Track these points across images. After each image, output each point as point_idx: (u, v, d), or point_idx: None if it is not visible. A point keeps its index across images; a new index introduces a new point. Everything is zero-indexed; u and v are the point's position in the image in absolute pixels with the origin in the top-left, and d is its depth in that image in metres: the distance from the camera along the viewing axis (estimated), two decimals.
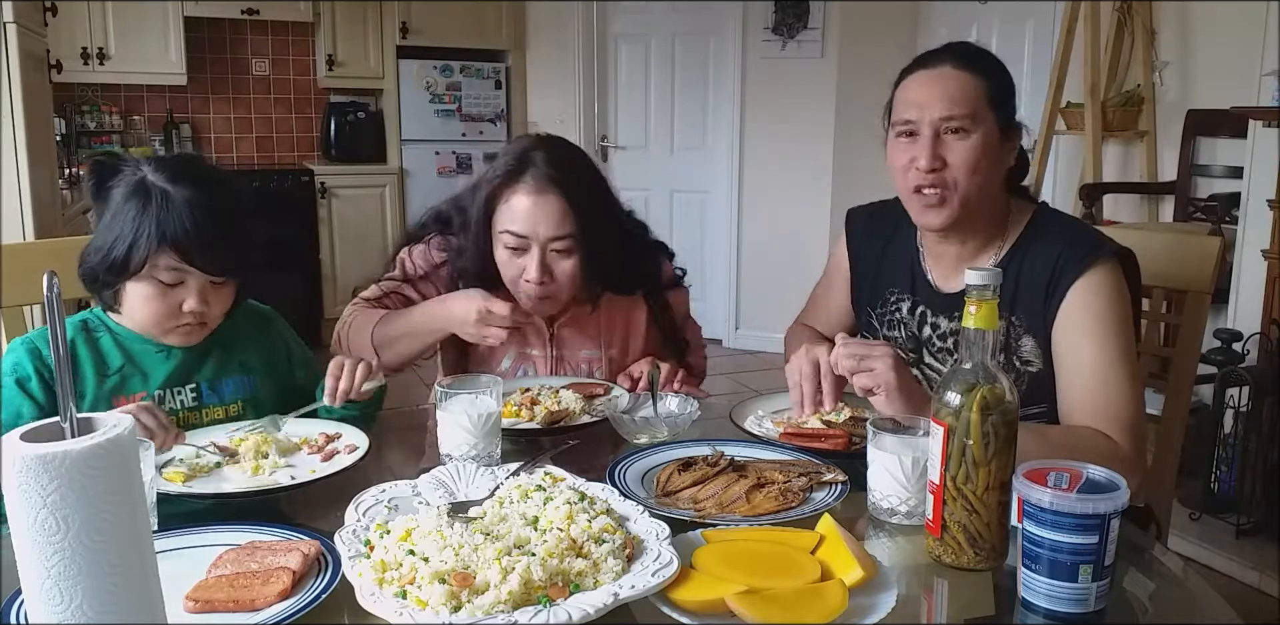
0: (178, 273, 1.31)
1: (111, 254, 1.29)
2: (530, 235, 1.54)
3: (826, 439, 1.30)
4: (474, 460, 1.24)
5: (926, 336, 1.53)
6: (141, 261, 1.29)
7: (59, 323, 0.77)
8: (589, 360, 1.73)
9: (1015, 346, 1.43)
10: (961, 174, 1.37)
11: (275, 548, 0.97)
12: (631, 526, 1.00)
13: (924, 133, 1.37)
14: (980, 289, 0.98)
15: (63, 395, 0.77)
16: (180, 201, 1.29)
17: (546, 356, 1.72)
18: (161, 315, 1.33)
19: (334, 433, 1.34)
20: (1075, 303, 1.36)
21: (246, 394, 1.46)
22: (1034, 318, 1.40)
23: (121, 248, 1.28)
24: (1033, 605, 0.92)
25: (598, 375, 1.70)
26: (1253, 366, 2.70)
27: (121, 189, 1.31)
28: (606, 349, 1.73)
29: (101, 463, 0.73)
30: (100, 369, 1.37)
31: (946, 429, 0.99)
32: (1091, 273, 1.36)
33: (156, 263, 1.29)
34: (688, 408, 1.46)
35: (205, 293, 1.34)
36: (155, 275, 1.30)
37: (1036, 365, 1.43)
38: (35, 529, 0.72)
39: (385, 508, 1.06)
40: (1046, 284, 1.38)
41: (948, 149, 1.37)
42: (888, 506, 1.12)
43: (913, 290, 1.55)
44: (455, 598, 0.84)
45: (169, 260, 1.29)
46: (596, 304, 1.70)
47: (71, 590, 0.74)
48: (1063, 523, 0.88)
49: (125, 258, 1.28)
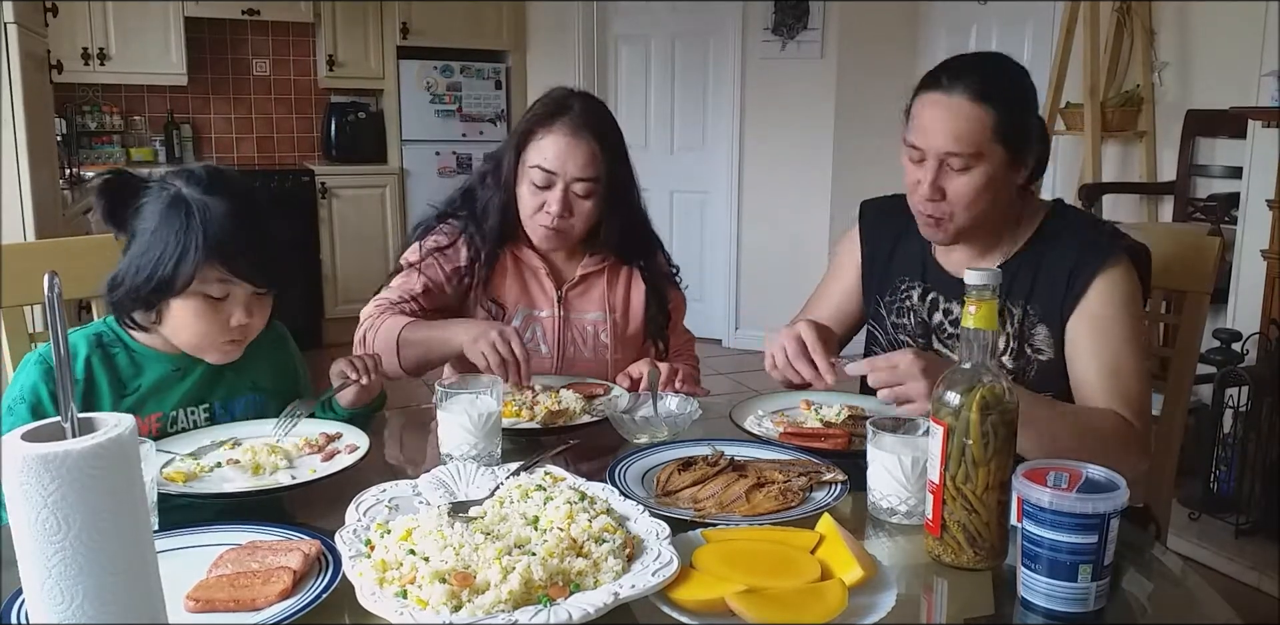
0: (225, 285, 1.29)
1: (158, 272, 1.26)
2: (558, 172, 1.64)
3: (827, 439, 1.30)
4: (474, 460, 1.24)
5: (937, 322, 1.55)
6: (190, 276, 1.26)
7: (59, 322, 0.77)
8: (594, 323, 1.78)
9: (1029, 334, 1.46)
10: (959, 208, 1.40)
11: (276, 547, 0.97)
12: (631, 526, 1.00)
13: (928, 162, 1.39)
14: (980, 289, 0.99)
15: (63, 395, 0.77)
16: (221, 213, 1.26)
17: (554, 317, 1.77)
18: (212, 331, 1.31)
19: (334, 433, 1.34)
20: (1097, 295, 1.40)
21: (255, 412, 1.44)
22: (1050, 308, 1.43)
23: (169, 264, 1.25)
24: (1032, 605, 0.92)
25: (602, 337, 1.77)
26: (1252, 366, 2.70)
27: (155, 206, 1.28)
28: (610, 313, 1.79)
29: (102, 462, 0.74)
30: (118, 389, 1.34)
31: (946, 429, 1.00)
32: (1114, 268, 1.40)
33: (205, 276, 1.27)
34: (688, 407, 1.46)
35: (250, 305, 1.32)
36: (204, 290, 1.28)
37: (1047, 354, 1.45)
38: (36, 528, 0.73)
39: (386, 507, 1.06)
40: (1068, 276, 1.41)
41: (949, 181, 1.38)
42: (887, 506, 1.12)
43: (924, 277, 1.56)
44: (456, 597, 0.85)
45: (217, 273, 1.27)
46: (603, 265, 1.78)
47: (72, 590, 0.74)
48: (1062, 522, 0.88)
49: (173, 274, 1.25)
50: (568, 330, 1.77)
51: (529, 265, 1.77)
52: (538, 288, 1.77)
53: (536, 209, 1.67)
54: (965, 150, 1.35)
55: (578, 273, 1.78)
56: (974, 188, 1.38)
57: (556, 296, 1.77)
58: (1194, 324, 1.68)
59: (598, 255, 1.79)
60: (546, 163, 1.64)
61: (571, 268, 1.79)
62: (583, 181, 1.65)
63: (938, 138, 1.36)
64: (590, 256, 1.79)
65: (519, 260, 1.76)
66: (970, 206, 1.39)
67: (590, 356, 1.78)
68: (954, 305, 1.53)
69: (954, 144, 1.35)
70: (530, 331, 1.76)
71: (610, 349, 1.78)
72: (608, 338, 1.78)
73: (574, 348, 1.77)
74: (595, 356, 1.78)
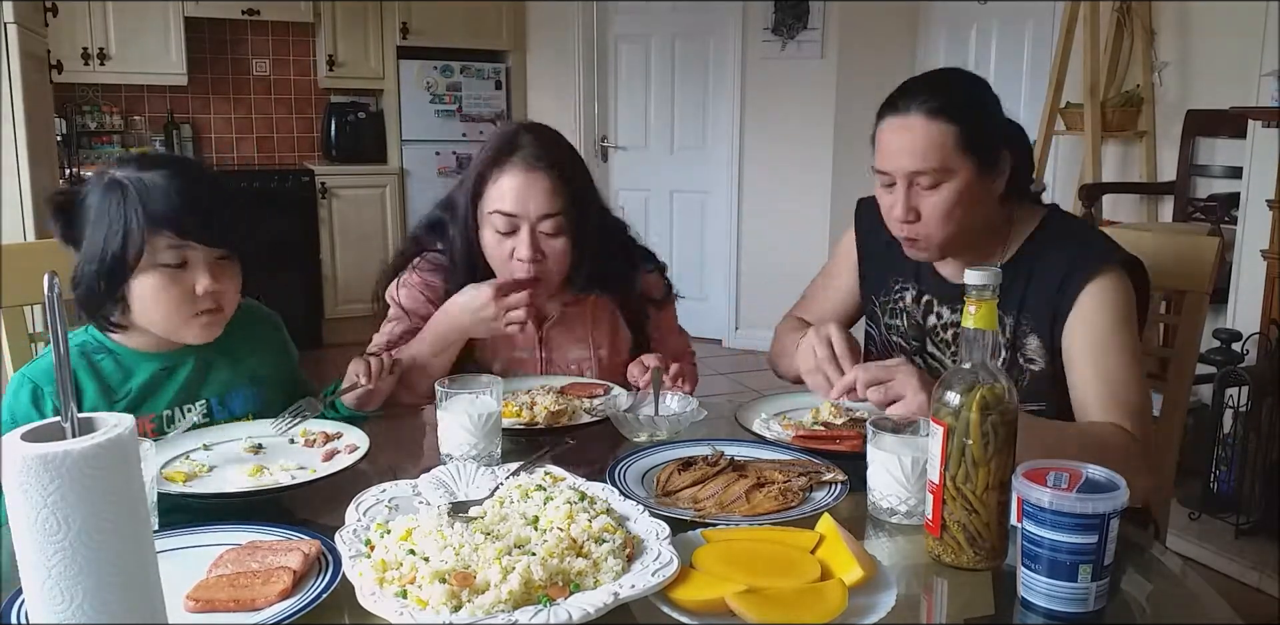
0: (178, 251, 1.27)
1: (107, 253, 1.25)
2: (520, 213, 1.54)
3: (843, 441, 1.30)
4: (474, 460, 1.24)
5: (931, 325, 1.55)
6: (139, 249, 1.24)
7: (59, 322, 0.77)
8: (578, 361, 1.72)
9: (1020, 345, 1.45)
10: (934, 226, 1.39)
11: (276, 547, 0.97)
12: (631, 526, 1.00)
13: (898, 184, 1.39)
14: (980, 289, 0.99)
15: (63, 395, 0.77)
16: (158, 183, 1.26)
17: (536, 359, 1.71)
18: (178, 302, 1.29)
19: (334, 432, 1.34)
20: (1088, 304, 1.38)
21: (255, 407, 1.43)
22: (1042, 317, 1.42)
23: (115, 242, 1.24)
24: (1032, 605, 0.92)
25: (588, 376, 1.70)
26: (1252, 366, 2.70)
27: (94, 196, 1.27)
28: (595, 350, 1.72)
29: (102, 462, 0.74)
30: (107, 395, 1.33)
31: (946, 429, 1.00)
32: (1105, 276, 1.39)
33: (155, 246, 1.26)
34: (688, 407, 1.46)
35: (214, 270, 1.30)
36: (158, 260, 1.27)
37: (1039, 364, 1.44)
38: (36, 528, 0.73)
39: (386, 507, 1.06)
40: (1059, 285, 1.40)
41: (921, 201, 1.39)
42: (888, 506, 1.12)
43: (917, 279, 1.56)
44: (455, 597, 0.85)
45: (166, 240, 1.26)
46: (585, 299, 1.70)
47: (72, 590, 0.74)
48: (1062, 522, 0.88)
49: (122, 250, 1.24)
50: (550, 371, 1.70)
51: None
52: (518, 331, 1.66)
53: (507, 258, 1.57)
54: (930, 166, 1.35)
55: (559, 309, 1.70)
56: (947, 203, 1.37)
57: (538, 338, 1.70)
58: (1194, 324, 1.68)
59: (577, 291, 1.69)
60: (506, 205, 1.54)
61: (551, 304, 1.70)
62: (548, 217, 1.54)
63: (901, 158, 1.37)
64: (569, 294, 1.69)
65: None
66: (945, 223, 1.39)
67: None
68: (945, 310, 1.52)
69: (918, 162, 1.36)
70: (512, 374, 1.67)
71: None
72: (594, 376, 1.69)
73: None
74: None
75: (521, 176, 1.54)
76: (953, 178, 1.37)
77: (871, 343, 1.65)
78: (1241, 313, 2.87)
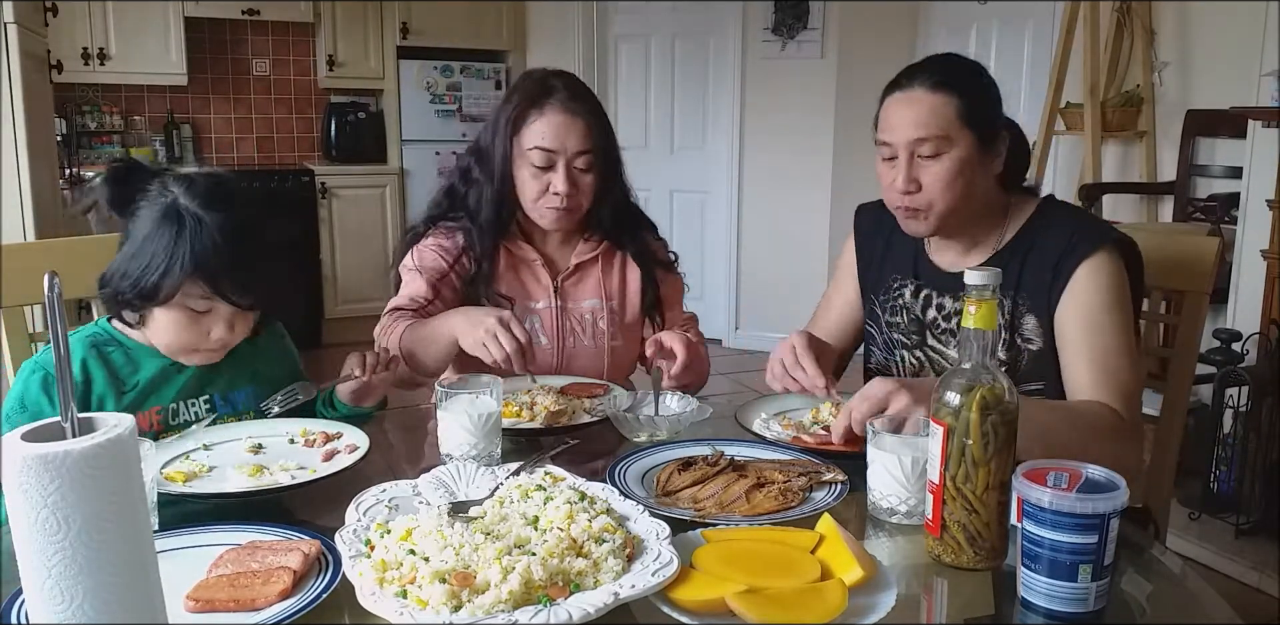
0: (208, 301, 1.30)
1: (142, 281, 1.27)
2: (559, 149, 1.66)
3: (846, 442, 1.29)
4: (474, 460, 1.24)
5: (931, 318, 1.56)
6: (173, 290, 1.27)
7: (59, 322, 0.77)
8: (592, 310, 1.79)
9: (1018, 324, 1.47)
10: (936, 195, 1.42)
11: (276, 547, 0.97)
12: (631, 526, 1.00)
13: (900, 156, 1.43)
14: (980, 289, 0.99)
15: (63, 394, 0.77)
16: (213, 229, 1.27)
17: (551, 308, 1.77)
18: (190, 339, 1.33)
19: (334, 432, 1.34)
20: (1083, 282, 1.41)
21: (256, 404, 1.44)
22: (1038, 297, 1.44)
23: (153, 276, 1.26)
24: (1032, 605, 0.92)
25: (601, 324, 1.78)
26: (1252, 366, 2.70)
27: (150, 211, 1.29)
28: (607, 300, 1.80)
29: (102, 462, 0.74)
30: (117, 387, 1.34)
31: (946, 429, 1.00)
32: (1098, 255, 1.41)
33: (189, 291, 1.28)
34: (688, 407, 1.46)
35: (233, 321, 1.33)
36: (186, 304, 1.30)
37: (1037, 344, 1.46)
38: (36, 528, 0.73)
39: (386, 507, 1.06)
40: (1054, 264, 1.43)
41: (922, 171, 1.42)
42: (888, 506, 1.12)
43: (915, 273, 1.58)
44: (455, 597, 0.85)
45: (200, 290, 1.28)
46: (597, 251, 1.79)
47: (72, 590, 0.74)
48: (1062, 522, 0.88)
49: (157, 286, 1.27)
50: (565, 320, 1.78)
51: (523, 258, 1.77)
52: (533, 279, 1.78)
53: (541, 192, 1.68)
54: (932, 134, 1.39)
55: (572, 261, 1.79)
56: (948, 172, 1.41)
57: (553, 287, 1.78)
58: (1194, 324, 1.68)
59: (591, 242, 1.80)
60: (546, 142, 1.65)
61: (565, 257, 1.80)
62: (583, 155, 1.67)
63: (904, 129, 1.41)
64: (584, 243, 1.80)
65: (512, 253, 1.77)
66: (946, 192, 1.42)
67: (590, 344, 1.78)
68: (946, 300, 1.54)
69: (920, 130, 1.40)
70: (528, 323, 1.75)
71: (609, 336, 1.79)
72: (606, 324, 1.79)
73: (573, 337, 1.78)
74: (595, 344, 1.78)
75: (560, 116, 1.66)
76: (953, 147, 1.40)
77: (874, 342, 1.66)
78: (1241, 313, 2.87)
